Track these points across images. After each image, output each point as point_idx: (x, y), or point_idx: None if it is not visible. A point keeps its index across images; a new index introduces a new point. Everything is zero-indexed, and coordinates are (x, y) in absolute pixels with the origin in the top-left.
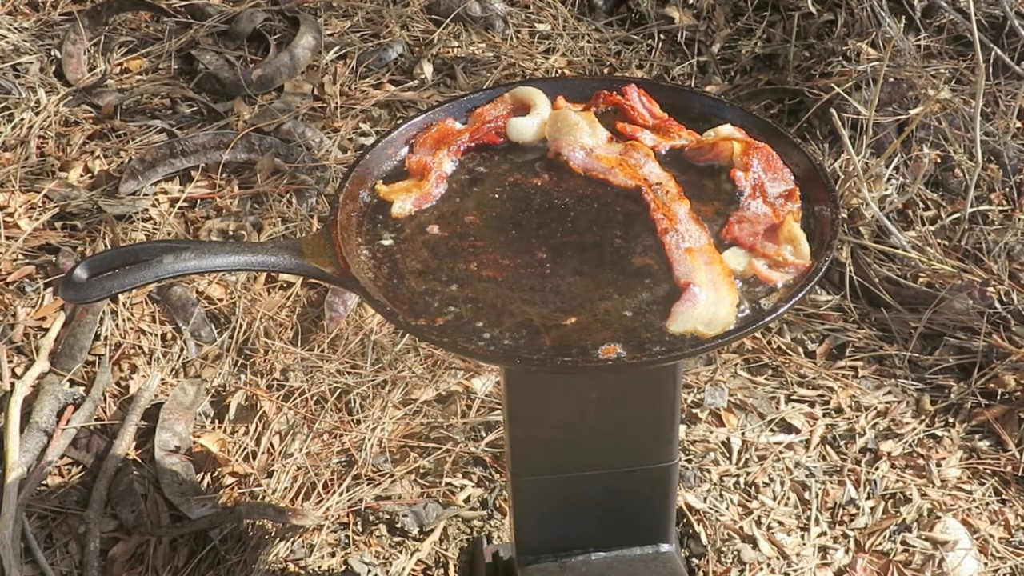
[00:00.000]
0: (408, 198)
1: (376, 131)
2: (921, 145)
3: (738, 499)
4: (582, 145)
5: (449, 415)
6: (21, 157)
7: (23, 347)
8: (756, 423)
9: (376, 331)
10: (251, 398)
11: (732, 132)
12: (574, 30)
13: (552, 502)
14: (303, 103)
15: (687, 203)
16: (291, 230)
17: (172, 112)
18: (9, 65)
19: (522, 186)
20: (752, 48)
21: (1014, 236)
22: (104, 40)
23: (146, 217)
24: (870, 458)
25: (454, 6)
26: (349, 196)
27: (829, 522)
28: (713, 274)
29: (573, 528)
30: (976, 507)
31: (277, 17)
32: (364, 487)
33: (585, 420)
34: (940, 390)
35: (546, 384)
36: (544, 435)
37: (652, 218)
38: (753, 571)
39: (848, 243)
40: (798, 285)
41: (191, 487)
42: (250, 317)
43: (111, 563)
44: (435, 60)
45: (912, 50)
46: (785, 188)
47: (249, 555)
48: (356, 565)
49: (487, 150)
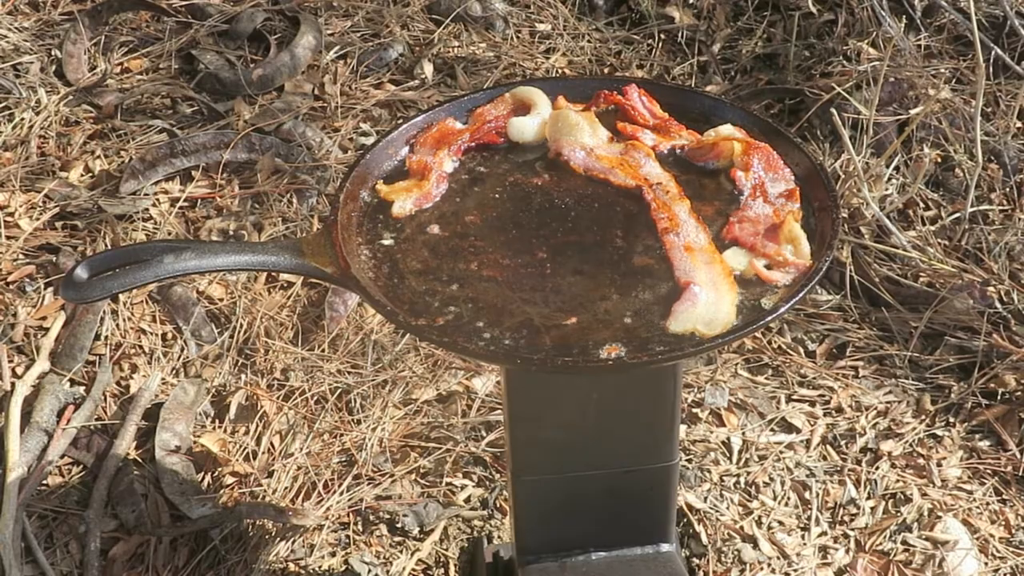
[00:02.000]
0: (408, 198)
1: (376, 131)
2: (921, 145)
3: (738, 499)
4: (582, 145)
5: (449, 415)
6: (22, 157)
7: (23, 347)
8: (756, 423)
9: (376, 331)
10: (251, 398)
11: (732, 132)
12: (574, 30)
13: (553, 502)
14: (303, 103)
15: (687, 203)
16: (291, 230)
17: (172, 112)
18: (10, 65)
19: (522, 186)
20: (752, 48)
21: (1014, 236)
22: (104, 40)
23: (146, 217)
24: (870, 458)
25: (454, 6)
26: (349, 196)
27: (829, 522)
28: (713, 274)
29: (573, 528)
30: (976, 507)
31: (277, 17)
32: (364, 487)
33: (585, 420)
34: (940, 390)
35: (546, 384)
36: (544, 435)
37: (652, 218)
38: (753, 571)
39: (848, 243)
40: (798, 285)
41: (191, 487)
42: (250, 317)
43: (111, 563)
44: (435, 60)
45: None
46: (785, 188)
47: (250, 555)
48: (356, 565)
49: (487, 150)
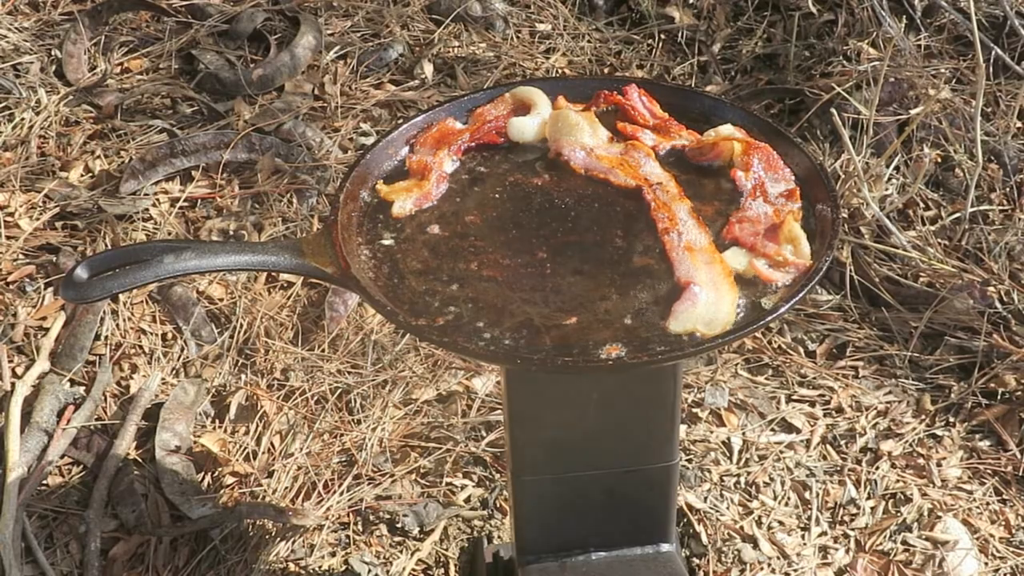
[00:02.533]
0: (409, 198)
1: (376, 131)
2: (921, 145)
3: (738, 499)
4: (583, 145)
5: (449, 415)
6: (22, 157)
7: (23, 347)
8: (756, 423)
9: (376, 331)
10: (251, 398)
11: (733, 132)
12: (574, 30)
13: (553, 502)
14: (303, 103)
15: (688, 203)
16: (291, 230)
17: (173, 112)
18: (10, 65)
19: (523, 186)
20: (752, 48)
21: (1014, 236)
22: (104, 40)
23: (146, 217)
24: (870, 458)
25: (455, 6)
26: (350, 196)
27: (829, 522)
28: (713, 274)
29: (574, 528)
30: (976, 507)
31: (277, 17)
32: (364, 487)
33: (586, 420)
34: (940, 390)
35: (546, 384)
36: (545, 435)
37: (653, 218)
38: (753, 571)
39: (848, 243)
40: (799, 285)
41: (191, 487)
42: (251, 317)
43: (112, 563)
44: (435, 60)
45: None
46: (786, 188)
47: (250, 555)
48: (356, 565)
49: (488, 150)
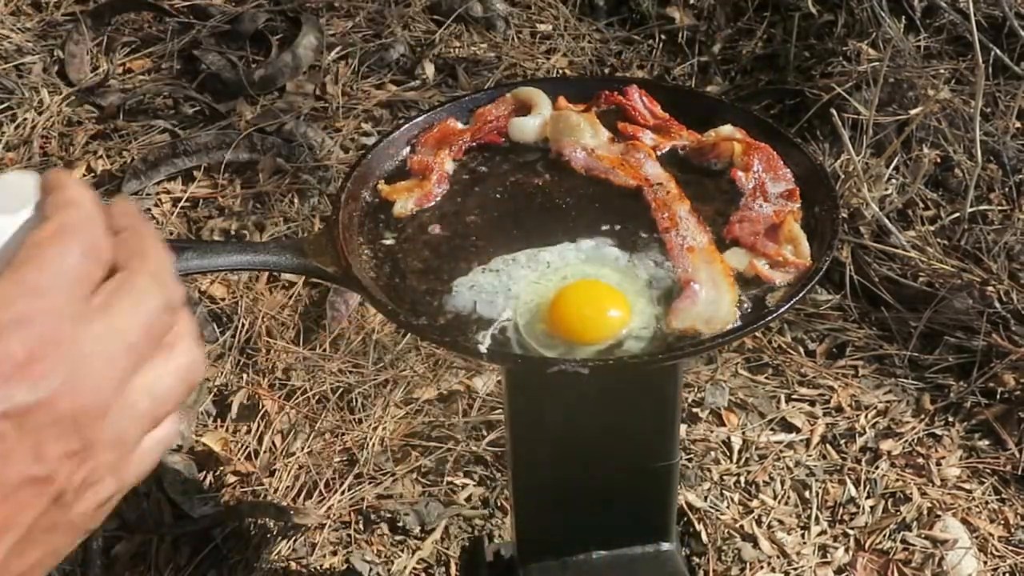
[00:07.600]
0: (410, 198)
1: (378, 131)
2: (921, 145)
3: (738, 498)
4: (583, 145)
5: (450, 414)
6: (24, 157)
7: None
8: (756, 422)
9: (378, 330)
10: (253, 397)
11: (733, 132)
12: (575, 30)
13: (553, 501)
14: (305, 103)
15: (688, 203)
16: (293, 230)
17: (174, 112)
18: (12, 65)
19: (524, 186)
20: (753, 48)
21: (1014, 236)
22: (107, 40)
23: (148, 217)
24: (870, 457)
25: (456, 6)
26: (351, 196)
27: (829, 521)
28: (713, 273)
29: (574, 527)
30: (976, 506)
31: (279, 17)
32: (366, 486)
33: (586, 419)
34: (940, 389)
35: (547, 383)
36: (545, 434)
37: (653, 218)
38: (753, 570)
39: (848, 243)
40: (799, 284)
41: (193, 486)
42: (252, 316)
43: (114, 561)
44: (437, 60)
45: (912, 50)
46: (786, 188)
47: (251, 554)
48: (358, 564)
49: (489, 150)
